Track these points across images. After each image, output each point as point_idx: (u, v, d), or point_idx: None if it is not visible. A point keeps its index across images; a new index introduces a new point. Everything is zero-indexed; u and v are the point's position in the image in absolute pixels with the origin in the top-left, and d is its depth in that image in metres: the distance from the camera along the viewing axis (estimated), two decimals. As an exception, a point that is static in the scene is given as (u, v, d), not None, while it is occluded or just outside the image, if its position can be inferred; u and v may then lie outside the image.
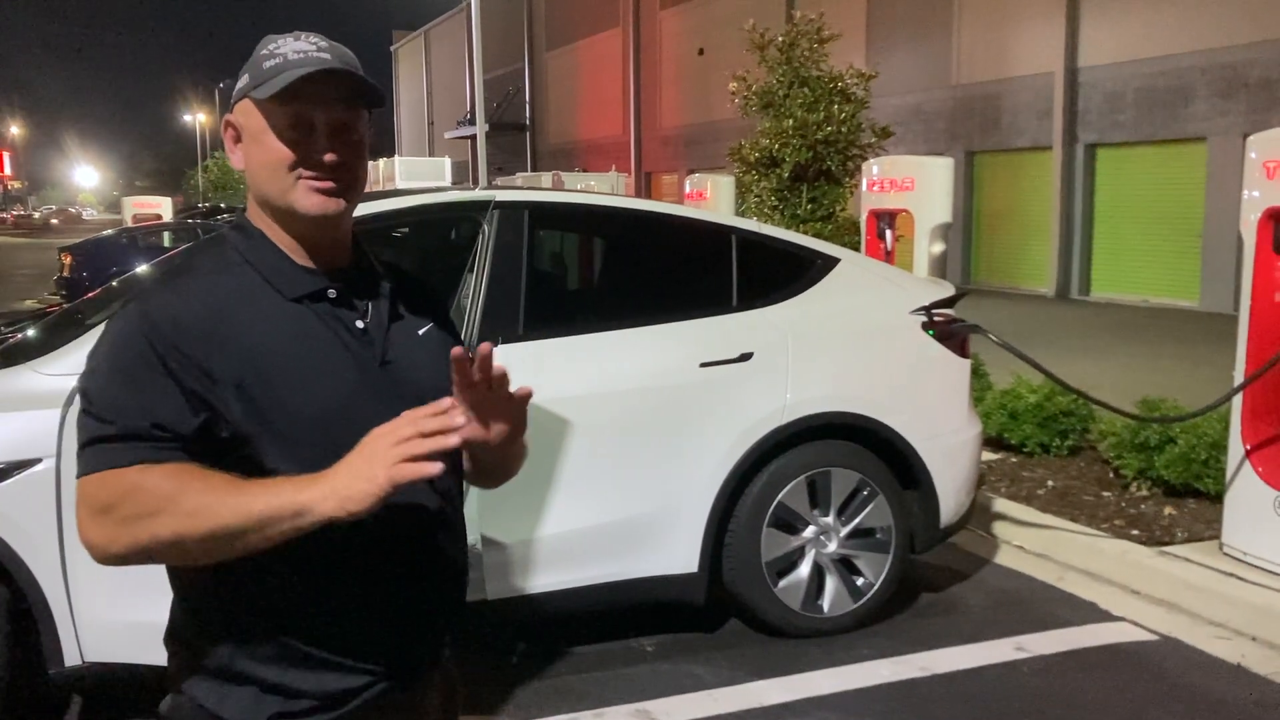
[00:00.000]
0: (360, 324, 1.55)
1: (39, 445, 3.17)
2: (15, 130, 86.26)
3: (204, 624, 1.51)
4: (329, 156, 1.50)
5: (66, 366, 3.22)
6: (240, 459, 1.43)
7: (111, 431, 1.40)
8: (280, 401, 1.45)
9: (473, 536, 3.70)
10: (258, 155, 1.51)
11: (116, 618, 3.26)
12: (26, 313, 11.34)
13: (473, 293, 3.89)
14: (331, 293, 1.54)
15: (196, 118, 68.38)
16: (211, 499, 1.34)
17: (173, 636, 1.57)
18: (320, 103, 1.49)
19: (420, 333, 1.64)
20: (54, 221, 70.97)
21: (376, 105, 1.56)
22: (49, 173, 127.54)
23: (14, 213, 75.26)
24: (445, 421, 1.32)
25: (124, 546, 1.38)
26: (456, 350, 1.45)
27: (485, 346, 1.45)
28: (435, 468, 1.30)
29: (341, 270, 1.58)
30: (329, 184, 1.50)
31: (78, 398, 1.46)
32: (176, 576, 1.53)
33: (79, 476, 1.41)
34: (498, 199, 4.05)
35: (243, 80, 1.53)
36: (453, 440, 1.32)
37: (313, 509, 1.32)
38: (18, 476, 3.17)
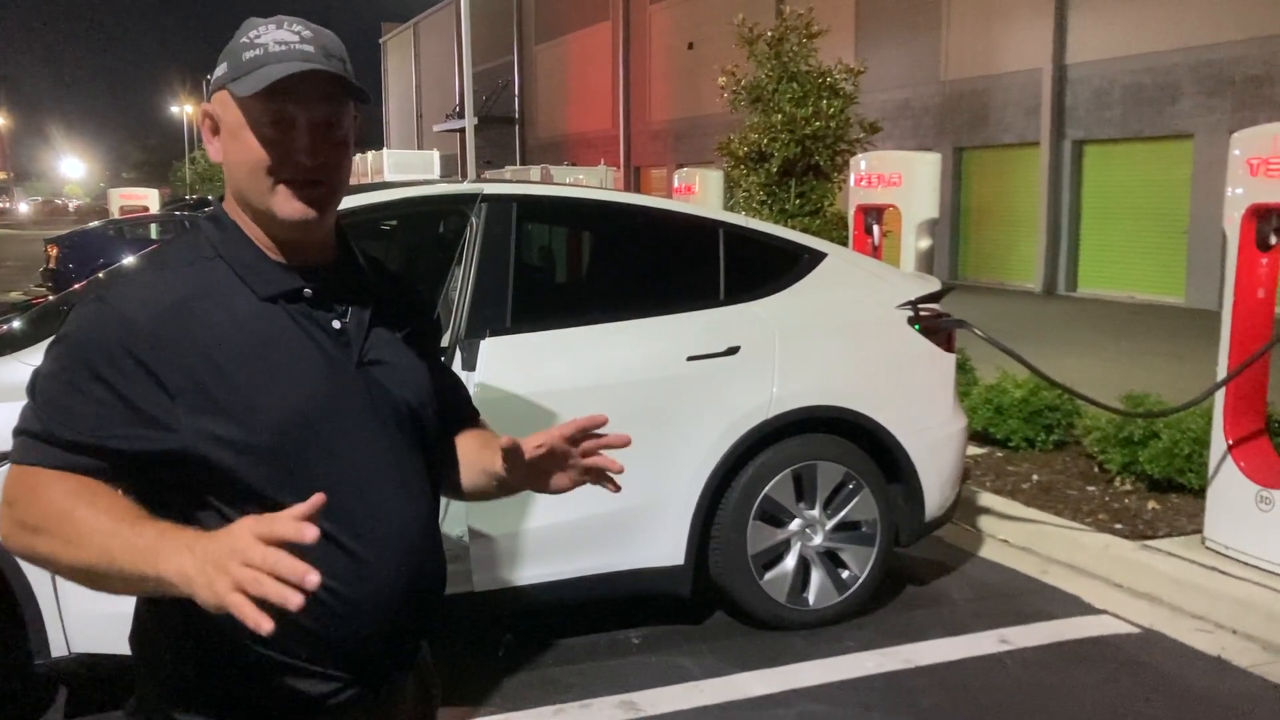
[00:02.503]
0: (337, 324, 1.50)
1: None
2: (1, 121, 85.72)
3: (170, 630, 1.47)
4: (310, 157, 1.44)
5: (53, 357, 3.22)
6: (199, 465, 1.38)
7: (37, 429, 1.36)
8: (245, 404, 1.39)
9: (460, 529, 3.71)
10: (236, 152, 1.45)
11: (103, 609, 3.18)
12: (12, 305, 11.29)
13: (460, 285, 3.90)
14: (307, 291, 1.48)
15: (184, 109, 67.98)
16: (87, 533, 1.27)
17: (137, 641, 1.53)
18: (302, 99, 1.42)
19: (401, 335, 1.59)
20: (22, 207, 69.54)
21: (362, 102, 1.50)
22: (35, 164, 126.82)
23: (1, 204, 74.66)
24: (296, 571, 1.14)
25: (15, 547, 1.35)
26: (585, 420, 1.56)
27: (504, 440, 1.52)
28: (266, 625, 1.13)
29: (323, 267, 1.52)
30: (309, 189, 1.44)
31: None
32: None
33: (9, 462, 1.38)
34: (485, 192, 4.05)
35: (220, 69, 1.46)
36: (295, 601, 1.14)
37: (173, 586, 1.21)
38: (2, 468, 3.17)
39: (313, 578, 1.14)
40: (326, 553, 1.42)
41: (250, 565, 1.15)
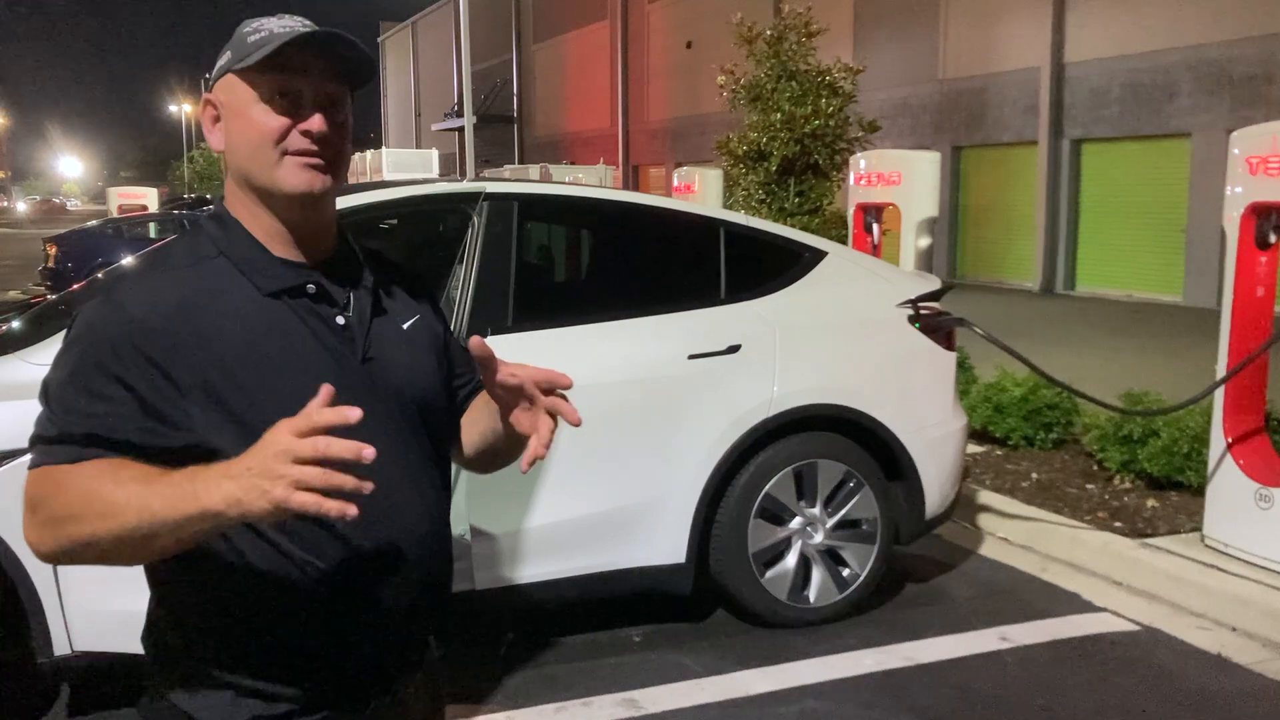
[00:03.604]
0: (341, 320, 1.50)
1: (27, 435, 3.17)
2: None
3: (180, 625, 1.48)
4: (317, 125, 1.44)
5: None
6: (212, 461, 1.36)
7: (54, 433, 1.37)
8: (252, 402, 1.40)
9: (461, 527, 3.72)
10: (241, 130, 1.45)
11: (106, 607, 3.26)
12: (11, 304, 11.29)
13: (462, 284, 3.91)
14: (310, 287, 1.48)
15: (182, 108, 67.98)
16: (122, 500, 1.28)
17: (149, 636, 1.53)
18: (308, 72, 1.44)
19: (405, 327, 1.59)
20: (20, 206, 70.33)
21: (367, 77, 1.51)
22: (33, 163, 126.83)
23: None
24: (351, 449, 1.17)
25: (49, 547, 1.36)
26: (474, 340, 1.46)
27: (474, 340, 1.46)
28: (336, 508, 1.17)
29: (324, 262, 1.52)
30: (316, 159, 1.45)
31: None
32: (153, 576, 1.50)
33: (28, 470, 1.39)
34: (488, 190, 4.06)
35: (224, 58, 1.48)
36: (365, 487, 1.19)
37: (222, 514, 1.22)
38: (7, 466, 3.17)
39: (368, 451, 1.17)
40: (333, 548, 1.43)
41: (303, 460, 1.17)
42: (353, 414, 1.19)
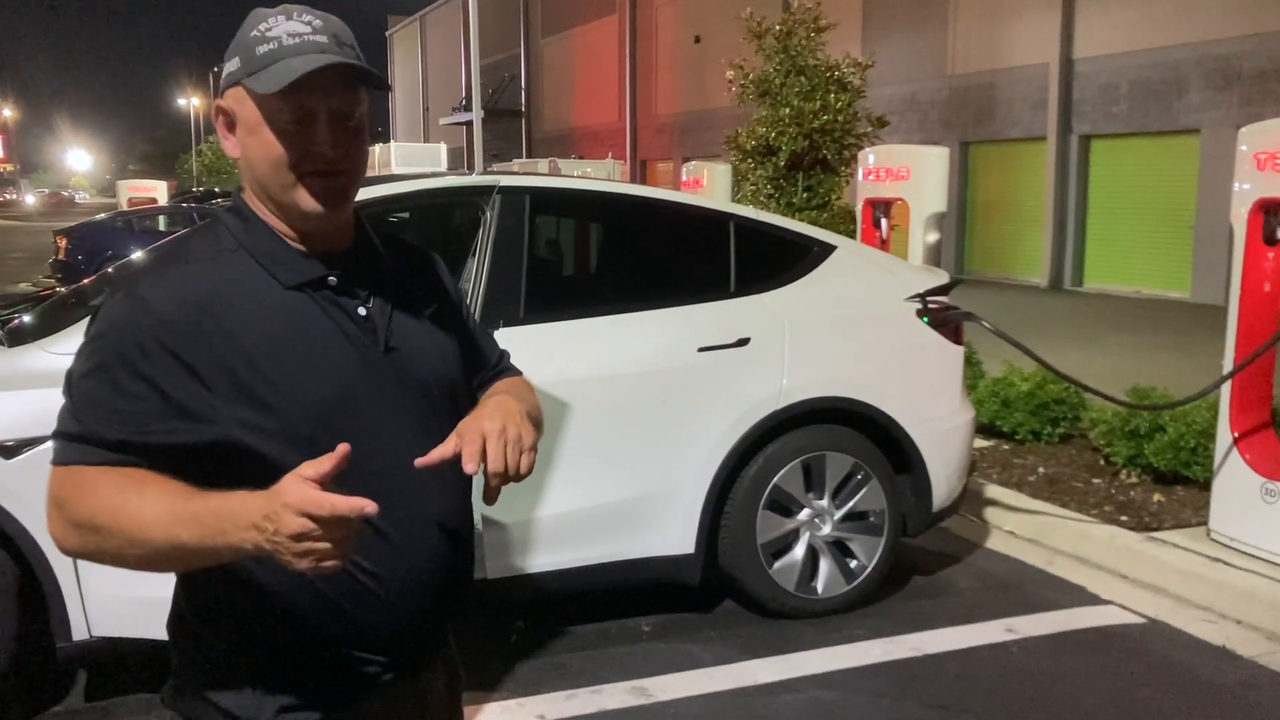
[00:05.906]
0: (363, 311, 1.50)
1: (48, 422, 3.20)
2: (7, 113, 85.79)
3: (208, 615, 1.49)
4: (331, 144, 1.43)
5: (74, 345, 3.26)
6: (239, 454, 1.40)
7: (76, 430, 1.38)
8: (278, 393, 1.40)
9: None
10: (255, 148, 1.44)
11: (124, 593, 3.30)
12: (21, 296, 11.34)
13: (474, 277, 3.94)
14: (332, 280, 1.49)
15: (190, 101, 68.06)
16: (147, 523, 1.32)
17: (176, 625, 1.55)
18: (321, 93, 1.41)
19: (427, 314, 1.60)
20: (29, 199, 71.12)
21: (381, 90, 1.50)
22: (41, 156, 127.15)
23: (5, 196, 74.73)
24: (348, 528, 1.25)
25: (74, 547, 1.39)
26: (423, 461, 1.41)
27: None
28: (334, 566, 1.27)
29: (343, 253, 1.52)
30: (332, 179, 1.44)
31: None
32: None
33: (51, 464, 1.41)
34: (501, 184, 4.10)
35: (232, 64, 1.44)
36: (339, 563, 1.27)
37: (250, 553, 1.29)
38: (28, 453, 3.22)
39: (370, 507, 1.24)
40: (361, 536, 1.42)
41: (302, 530, 1.24)
42: (370, 507, 1.24)
